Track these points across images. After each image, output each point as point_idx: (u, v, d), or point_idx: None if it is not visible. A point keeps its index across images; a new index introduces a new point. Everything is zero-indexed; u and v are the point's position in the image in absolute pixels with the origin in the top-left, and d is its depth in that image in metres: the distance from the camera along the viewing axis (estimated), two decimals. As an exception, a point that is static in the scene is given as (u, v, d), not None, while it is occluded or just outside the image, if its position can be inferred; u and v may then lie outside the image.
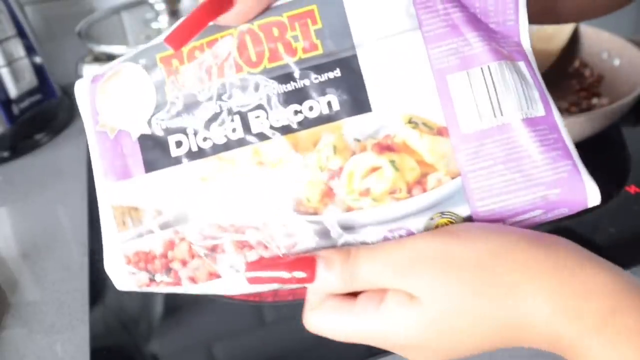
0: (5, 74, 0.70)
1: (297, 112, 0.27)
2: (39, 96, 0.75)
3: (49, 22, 0.89)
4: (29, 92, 0.74)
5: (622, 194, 0.58)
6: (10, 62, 0.70)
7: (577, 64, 0.77)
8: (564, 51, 0.76)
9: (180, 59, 0.28)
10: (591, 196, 0.27)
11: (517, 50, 0.28)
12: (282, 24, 0.27)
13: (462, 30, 0.27)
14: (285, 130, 0.27)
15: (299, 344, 0.45)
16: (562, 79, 0.76)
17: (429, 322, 0.25)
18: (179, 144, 0.28)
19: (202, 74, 0.28)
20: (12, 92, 0.71)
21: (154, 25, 0.85)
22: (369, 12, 0.27)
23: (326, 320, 0.27)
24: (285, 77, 0.27)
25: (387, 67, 0.27)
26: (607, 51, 0.73)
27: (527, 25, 0.27)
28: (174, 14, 0.84)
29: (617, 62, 0.71)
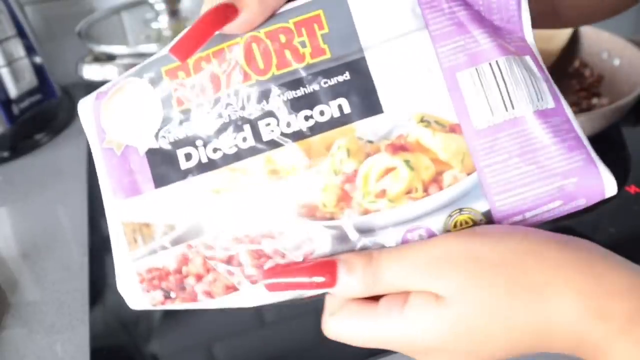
0: (5, 74, 0.70)
1: (308, 118, 0.27)
2: (39, 96, 0.75)
3: (49, 22, 0.89)
4: (29, 92, 0.74)
5: (622, 194, 0.58)
6: (10, 62, 0.70)
7: (577, 64, 0.77)
8: (564, 51, 0.76)
9: (186, 70, 0.28)
10: (608, 186, 0.26)
11: (522, 45, 0.28)
12: (288, 30, 0.27)
13: (469, 27, 0.27)
14: (297, 136, 0.27)
15: (299, 344, 0.45)
16: (562, 79, 0.76)
17: (457, 322, 0.25)
18: (188, 157, 0.28)
19: (210, 84, 0.28)
20: (12, 92, 0.71)
21: (154, 25, 0.85)
22: (375, 15, 0.27)
23: (347, 325, 0.27)
24: (294, 83, 0.27)
25: (396, 68, 0.27)
26: (607, 51, 0.73)
27: (529, 20, 0.28)
28: (174, 14, 0.84)
29: (617, 62, 0.71)
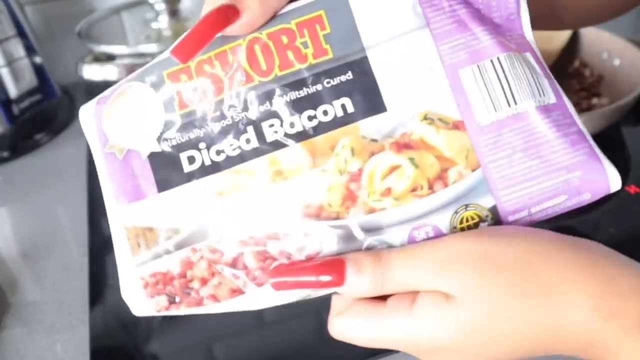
0: (5, 74, 0.70)
1: (311, 118, 0.27)
2: (39, 96, 0.75)
3: (49, 22, 0.89)
4: (29, 92, 0.74)
5: (622, 194, 0.58)
6: (10, 62, 0.70)
7: (577, 64, 0.77)
8: (564, 51, 0.76)
9: (188, 73, 0.28)
10: (613, 180, 0.27)
11: (522, 42, 0.28)
12: (290, 31, 0.27)
13: (469, 25, 0.27)
14: (301, 136, 0.27)
15: (299, 344, 0.45)
16: (562, 79, 0.76)
17: (467, 322, 0.24)
18: (191, 160, 0.28)
19: (212, 86, 0.28)
20: (12, 92, 0.71)
21: (154, 25, 0.85)
22: (376, 14, 0.27)
23: (354, 325, 0.26)
24: (297, 84, 0.27)
25: (399, 67, 0.27)
26: (607, 51, 0.73)
27: (528, 17, 0.28)
28: (174, 14, 0.84)
29: (617, 62, 0.71)
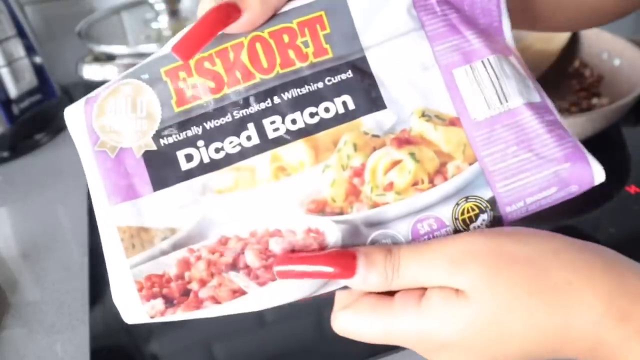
0: (5, 74, 0.70)
1: (313, 115, 0.28)
2: (39, 96, 0.75)
3: (49, 22, 0.89)
4: (29, 92, 0.74)
5: (622, 194, 0.58)
6: (10, 62, 0.71)
7: (577, 64, 0.77)
8: (564, 51, 0.76)
9: (187, 70, 0.28)
10: (597, 172, 0.28)
11: (505, 46, 0.30)
12: (292, 30, 0.28)
13: (460, 29, 0.29)
14: (303, 133, 0.28)
15: (299, 344, 0.45)
16: (562, 79, 0.76)
17: (476, 318, 0.24)
18: (189, 158, 0.28)
19: (212, 83, 0.28)
20: (12, 92, 0.71)
21: (154, 25, 0.85)
22: (374, 16, 0.28)
23: (360, 319, 0.26)
24: (298, 81, 0.28)
25: (396, 66, 0.28)
26: (607, 51, 0.73)
27: (509, 25, 0.30)
28: (174, 14, 0.84)
29: (617, 62, 0.71)
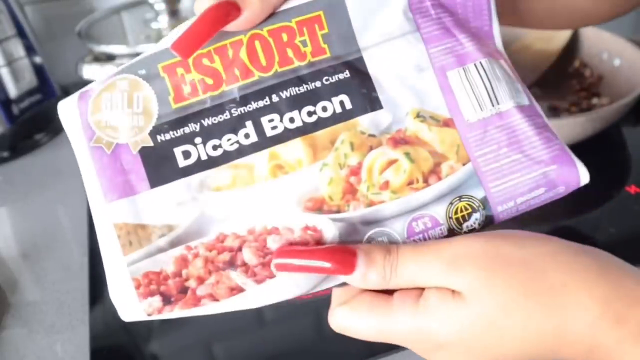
0: (5, 74, 0.70)
1: (311, 113, 0.28)
2: (39, 96, 0.75)
3: (49, 22, 0.89)
4: (29, 92, 0.74)
5: (622, 194, 0.58)
6: (10, 62, 0.71)
7: (577, 64, 0.77)
8: (564, 51, 0.76)
9: (185, 67, 0.28)
10: (582, 174, 0.28)
11: (495, 50, 0.30)
12: (290, 29, 0.28)
13: (454, 32, 0.29)
14: (301, 131, 0.28)
15: (299, 344, 0.45)
16: (562, 79, 0.76)
17: (473, 319, 0.24)
18: (186, 155, 0.28)
19: (211, 80, 0.28)
20: (12, 92, 0.71)
21: (154, 25, 0.85)
22: (371, 18, 0.28)
23: (357, 317, 0.26)
24: (297, 80, 0.28)
25: (393, 67, 0.29)
26: (607, 51, 0.73)
27: (499, 28, 0.30)
28: (174, 14, 0.84)
29: (617, 62, 0.71)
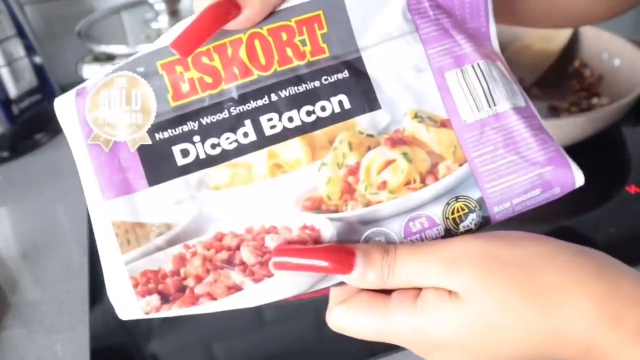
0: (5, 74, 0.70)
1: (310, 113, 0.28)
2: (39, 96, 0.75)
3: (49, 22, 0.89)
4: (29, 92, 0.74)
5: (622, 194, 0.58)
6: (10, 62, 0.71)
7: (577, 64, 0.77)
8: (564, 51, 0.76)
9: (184, 65, 0.28)
10: (577, 176, 0.29)
11: (492, 51, 0.30)
12: (290, 29, 0.28)
13: (452, 33, 0.29)
14: (299, 130, 0.28)
15: (299, 344, 0.45)
16: (562, 79, 0.76)
17: (470, 318, 0.25)
18: (185, 153, 0.28)
19: (210, 79, 0.28)
20: (12, 92, 0.71)
21: (154, 25, 0.85)
22: (370, 18, 0.29)
23: (355, 316, 0.26)
24: (296, 79, 0.28)
25: (391, 67, 0.29)
26: (607, 51, 0.73)
27: (495, 29, 0.30)
28: (174, 14, 0.84)
29: (617, 62, 0.71)
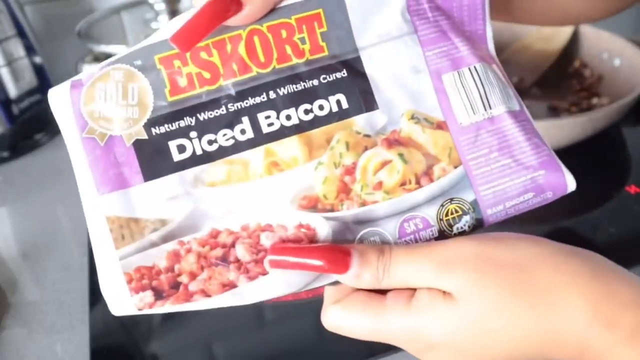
0: (5, 74, 0.70)
1: (308, 111, 0.28)
2: (39, 96, 0.75)
3: (49, 22, 0.89)
4: (29, 92, 0.74)
5: (622, 194, 0.58)
6: (10, 62, 0.70)
7: (577, 64, 0.77)
8: (564, 51, 0.76)
9: (183, 59, 0.27)
10: (569, 181, 0.29)
11: (488, 55, 0.30)
12: (290, 26, 0.28)
13: (450, 35, 0.29)
14: (297, 129, 0.28)
15: (299, 344, 0.45)
16: (562, 79, 0.76)
17: (464, 319, 0.25)
18: (181, 149, 0.27)
19: (208, 74, 0.28)
20: (12, 92, 0.71)
21: (154, 25, 0.85)
22: (369, 18, 0.29)
23: (350, 316, 0.26)
24: (294, 77, 0.28)
25: (389, 68, 0.29)
26: (607, 51, 0.73)
27: (492, 32, 0.31)
28: (174, 14, 0.84)
29: (617, 62, 0.71)
